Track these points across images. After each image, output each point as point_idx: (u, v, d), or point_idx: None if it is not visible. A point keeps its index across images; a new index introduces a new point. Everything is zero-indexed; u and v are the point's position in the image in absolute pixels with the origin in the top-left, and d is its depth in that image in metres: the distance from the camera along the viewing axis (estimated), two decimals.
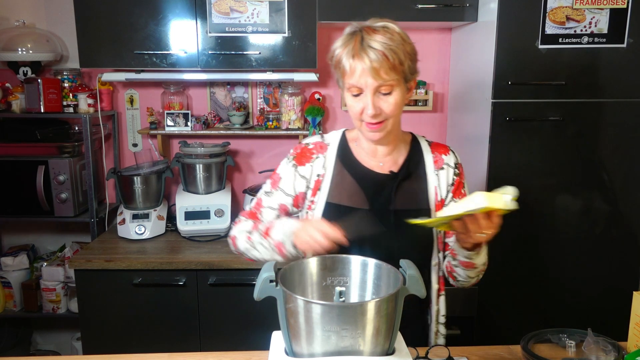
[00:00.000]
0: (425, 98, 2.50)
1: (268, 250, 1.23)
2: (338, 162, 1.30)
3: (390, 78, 1.14)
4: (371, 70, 1.12)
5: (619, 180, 2.05)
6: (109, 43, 2.19)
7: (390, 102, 1.17)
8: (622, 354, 1.15)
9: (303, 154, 1.31)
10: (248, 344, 1.52)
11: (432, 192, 1.29)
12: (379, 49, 1.12)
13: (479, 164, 2.11)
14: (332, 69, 1.24)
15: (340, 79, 1.21)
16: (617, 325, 1.46)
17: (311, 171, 1.30)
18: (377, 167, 1.29)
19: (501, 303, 2.13)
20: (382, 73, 1.13)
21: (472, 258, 1.21)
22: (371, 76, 1.13)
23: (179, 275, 2.08)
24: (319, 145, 1.32)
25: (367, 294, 1.03)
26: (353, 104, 1.19)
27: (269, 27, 2.18)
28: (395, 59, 1.13)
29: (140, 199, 2.39)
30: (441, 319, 1.34)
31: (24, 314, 2.52)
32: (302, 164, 1.30)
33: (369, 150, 1.30)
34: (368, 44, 1.13)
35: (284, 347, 0.96)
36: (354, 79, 1.15)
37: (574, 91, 1.98)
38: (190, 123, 2.44)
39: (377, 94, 1.16)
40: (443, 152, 1.34)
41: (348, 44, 1.16)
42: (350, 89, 1.17)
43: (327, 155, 1.30)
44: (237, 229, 1.33)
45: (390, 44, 1.13)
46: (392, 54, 1.13)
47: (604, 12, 1.93)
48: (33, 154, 2.37)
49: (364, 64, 1.12)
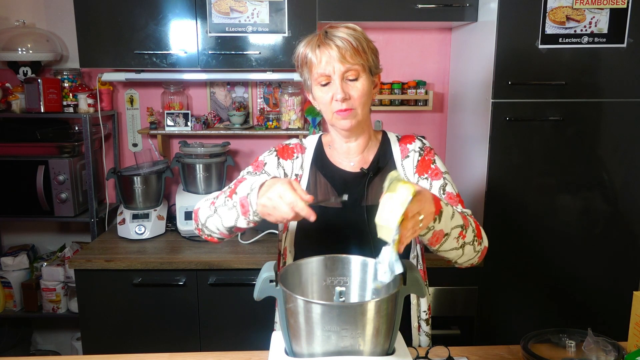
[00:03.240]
0: (425, 98, 2.50)
1: (231, 212, 1.12)
2: (313, 165, 1.33)
3: (355, 62, 1.18)
4: (338, 55, 1.17)
5: (619, 180, 2.05)
6: (109, 43, 2.19)
7: (358, 87, 1.20)
8: (622, 354, 1.15)
9: (285, 150, 1.35)
10: (248, 344, 1.53)
11: None
12: (344, 37, 1.18)
13: (479, 164, 2.11)
14: (298, 70, 1.27)
15: (307, 75, 1.24)
16: (617, 325, 1.46)
17: (292, 168, 1.33)
18: (349, 166, 1.32)
19: (501, 303, 2.13)
20: (348, 57, 1.17)
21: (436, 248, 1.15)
22: (338, 60, 1.17)
23: (179, 275, 2.08)
24: (299, 146, 1.36)
25: (367, 294, 1.03)
26: (322, 95, 1.22)
27: (269, 27, 2.18)
28: (359, 46, 1.19)
29: (140, 199, 2.39)
30: (423, 314, 1.32)
31: (24, 314, 2.52)
32: (285, 158, 1.34)
33: (342, 151, 1.32)
34: (332, 34, 1.19)
35: (284, 347, 0.96)
36: (321, 67, 1.19)
37: (574, 91, 1.98)
38: (190, 123, 2.44)
39: (344, 81, 1.19)
40: (408, 141, 1.35)
41: (312, 40, 1.22)
42: (318, 78, 1.20)
43: (305, 158, 1.34)
44: (203, 200, 1.25)
45: (353, 33, 1.19)
46: (355, 41, 1.18)
47: (604, 12, 1.93)
48: (33, 154, 2.37)
49: (331, 50, 1.17)
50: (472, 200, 2.19)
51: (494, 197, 2.06)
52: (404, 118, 2.64)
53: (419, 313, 1.33)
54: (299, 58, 1.25)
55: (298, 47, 1.25)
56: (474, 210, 2.18)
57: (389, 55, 2.59)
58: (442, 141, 2.65)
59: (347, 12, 2.16)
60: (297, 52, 1.25)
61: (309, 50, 1.21)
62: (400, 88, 2.50)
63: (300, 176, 1.32)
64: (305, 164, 1.34)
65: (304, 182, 1.32)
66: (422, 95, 2.50)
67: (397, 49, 2.58)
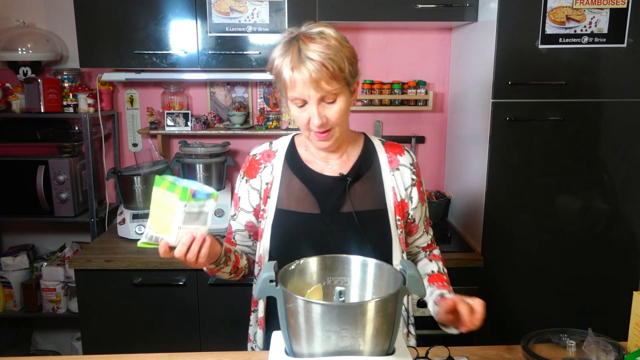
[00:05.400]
0: (425, 98, 2.50)
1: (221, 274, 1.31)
2: (286, 167, 1.28)
3: (332, 88, 1.11)
4: (312, 82, 1.09)
5: (619, 180, 2.05)
6: (109, 43, 2.19)
7: (335, 109, 1.14)
8: (623, 354, 1.15)
9: (252, 166, 1.31)
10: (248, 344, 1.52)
11: (389, 193, 1.28)
12: (317, 60, 1.09)
13: (479, 164, 2.11)
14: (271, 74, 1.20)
15: (282, 91, 1.18)
16: (617, 325, 1.46)
17: (260, 182, 1.29)
18: (327, 169, 1.28)
19: (501, 303, 2.13)
20: (322, 84, 1.10)
21: None
22: (312, 88, 1.10)
23: (179, 275, 2.08)
24: (266, 154, 1.31)
25: (367, 294, 1.03)
26: (299, 115, 1.16)
27: (269, 27, 2.18)
28: (335, 68, 1.10)
29: (140, 198, 2.38)
30: (410, 319, 1.34)
31: (24, 314, 2.52)
32: (253, 176, 1.30)
33: (318, 155, 1.28)
34: (306, 55, 1.10)
35: (284, 347, 0.96)
36: (296, 91, 1.12)
37: (574, 91, 1.98)
38: (190, 123, 2.44)
39: (321, 104, 1.13)
40: (398, 152, 1.32)
41: (285, 55, 1.12)
42: (294, 100, 1.15)
43: (275, 163, 1.29)
44: None
45: (327, 52, 1.10)
46: (331, 63, 1.09)
47: (604, 12, 1.93)
48: (33, 154, 2.37)
49: (304, 76, 1.09)
50: (472, 200, 2.19)
51: (494, 197, 2.06)
52: (404, 118, 2.64)
53: (407, 318, 1.33)
54: (272, 69, 1.17)
55: (273, 53, 1.16)
56: (474, 210, 2.18)
57: (389, 55, 2.59)
58: (442, 141, 2.65)
59: (347, 12, 2.16)
60: (271, 60, 1.16)
61: (284, 69, 1.12)
62: (400, 88, 2.50)
63: (271, 182, 1.27)
64: (275, 170, 1.28)
65: (276, 188, 1.26)
66: (422, 95, 2.50)
67: (397, 49, 2.58)
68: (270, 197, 1.27)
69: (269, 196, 1.27)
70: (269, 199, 1.27)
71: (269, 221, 1.26)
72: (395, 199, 1.28)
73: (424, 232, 1.39)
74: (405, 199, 1.29)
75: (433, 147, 2.67)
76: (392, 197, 1.28)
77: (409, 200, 1.30)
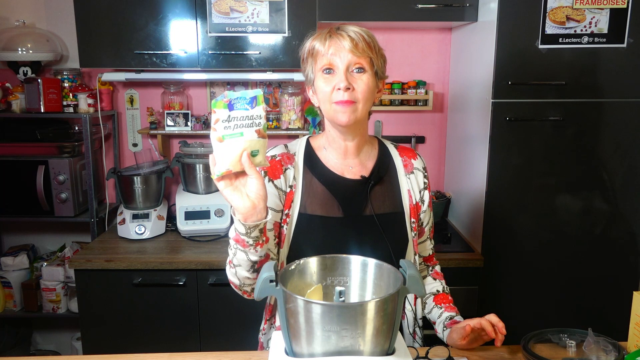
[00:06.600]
0: (425, 98, 2.50)
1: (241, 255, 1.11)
2: (307, 171, 1.26)
3: (365, 55, 1.17)
4: (349, 45, 1.15)
5: (619, 180, 2.05)
6: (109, 43, 2.19)
7: (363, 79, 1.17)
8: (623, 354, 1.15)
9: (274, 167, 1.25)
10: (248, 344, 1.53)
11: (405, 196, 1.30)
12: (357, 31, 1.18)
13: (479, 164, 2.11)
14: (302, 64, 1.24)
15: (311, 67, 1.21)
16: (617, 325, 1.46)
17: (285, 183, 1.25)
18: (348, 172, 1.27)
19: (501, 303, 2.13)
20: (359, 48, 1.16)
21: None
22: (348, 50, 1.15)
23: (179, 275, 2.08)
24: (286, 157, 1.27)
25: (367, 294, 1.03)
26: (324, 85, 1.18)
27: (269, 27, 2.18)
28: (372, 42, 1.19)
29: (140, 199, 2.38)
30: (419, 322, 1.36)
31: (24, 314, 2.52)
32: (276, 177, 1.25)
33: (338, 154, 1.27)
34: (344, 28, 1.19)
35: (284, 347, 0.96)
36: (327, 56, 1.17)
37: (574, 91, 1.98)
38: (190, 123, 2.44)
39: (350, 72, 1.17)
40: (412, 156, 1.35)
41: (322, 33, 1.20)
42: (323, 66, 1.18)
43: (296, 166, 1.26)
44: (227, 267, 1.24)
45: (366, 32, 1.20)
46: (368, 37, 1.19)
47: (604, 12, 1.93)
48: (33, 154, 2.37)
49: (343, 40, 1.16)
50: (473, 200, 2.19)
51: (494, 197, 2.06)
52: (404, 118, 2.64)
53: (415, 321, 1.34)
54: (305, 50, 1.22)
55: (306, 42, 1.23)
56: (474, 210, 2.18)
57: (389, 55, 2.54)
58: (442, 141, 2.65)
59: (347, 12, 2.16)
60: (304, 46, 1.23)
61: (318, 41, 1.19)
62: (400, 88, 2.50)
63: (295, 186, 1.25)
64: (297, 173, 1.26)
65: (298, 192, 1.24)
66: (422, 95, 2.50)
67: (397, 49, 2.58)
68: (293, 201, 1.24)
69: (292, 200, 1.24)
70: (292, 204, 1.24)
71: (292, 226, 1.23)
72: (411, 202, 1.30)
73: (428, 237, 1.40)
74: (419, 202, 1.32)
75: (433, 147, 2.67)
76: (407, 200, 1.30)
77: (421, 203, 1.33)
